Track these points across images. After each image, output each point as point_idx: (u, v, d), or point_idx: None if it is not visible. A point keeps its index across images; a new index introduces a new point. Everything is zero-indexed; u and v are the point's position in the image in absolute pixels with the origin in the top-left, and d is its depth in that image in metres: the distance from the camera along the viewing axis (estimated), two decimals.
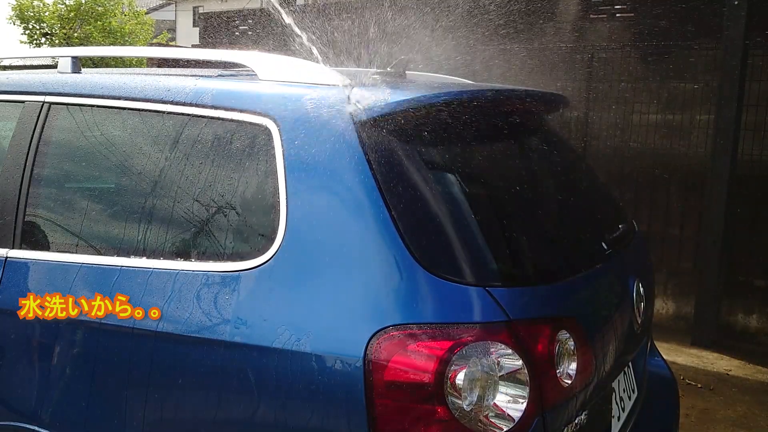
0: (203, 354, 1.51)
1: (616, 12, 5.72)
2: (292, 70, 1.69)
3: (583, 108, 5.44)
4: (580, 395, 1.54)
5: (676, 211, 5.18)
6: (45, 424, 1.71)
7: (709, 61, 4.99)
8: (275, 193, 1.53)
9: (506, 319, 1.40)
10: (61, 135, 1.89)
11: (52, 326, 1.71)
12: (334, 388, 1.39)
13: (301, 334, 1.42)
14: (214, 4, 24.79)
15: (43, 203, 1.87)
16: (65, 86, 1.92)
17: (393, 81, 1.98)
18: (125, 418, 1.61)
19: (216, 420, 1.51)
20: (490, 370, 1.37)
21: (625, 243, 2.10)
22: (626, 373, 1.96)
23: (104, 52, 2.27)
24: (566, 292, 1.63)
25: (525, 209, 1.80)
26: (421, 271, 1.40)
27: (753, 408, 3.72)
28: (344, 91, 1.58)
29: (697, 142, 5.06)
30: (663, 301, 5.19)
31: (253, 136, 1.60)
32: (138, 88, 1.80)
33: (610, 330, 1.76)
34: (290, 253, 1.48)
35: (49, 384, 1.71)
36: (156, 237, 1.67)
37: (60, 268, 1.76)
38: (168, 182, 1.68)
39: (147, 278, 1.61)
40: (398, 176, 1.50)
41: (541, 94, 2.08)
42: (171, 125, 1.73)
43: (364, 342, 1.37)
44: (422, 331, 1.36)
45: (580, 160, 2.40)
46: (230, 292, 1.51)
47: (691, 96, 5.12)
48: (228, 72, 2.06)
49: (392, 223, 1.42)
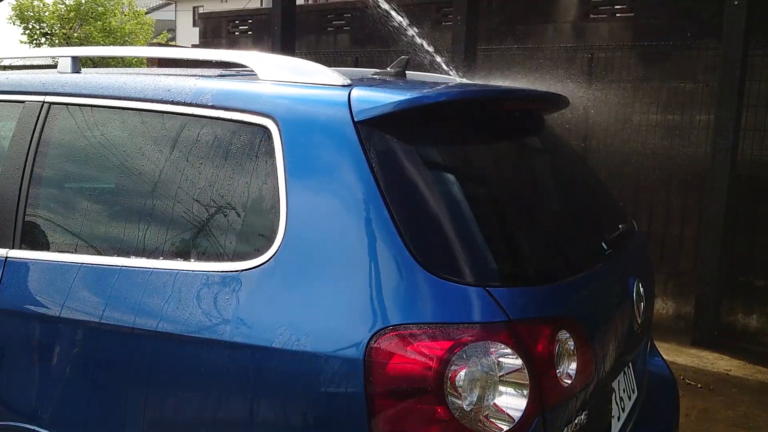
0: (203, 354, 1.51)
1: (616, 12, 5.73)
2: (292, 70, 1.69)
3: (582, 108, 5.44)
4: (580, 395, 1.54)
5: (676, 211, 5.18)
6: (45, 424, 1.71)
7: (709, 61, 4.99)
8: (275, 192, 1.53)
9: (506, 319, 1.40)
10: (61, 135, 1.89)
11: (52, 326, 1.71)
12: (334, 388, 1.39)
13: (301, 334, 1.42)
14: (214, 4, 24.80)
15: (43, 203, 1.87)
16: (65, 86, 1.92)
17: (393, 81, 1.98)
18: (125, 419, 1.61)
19: (216, 420, 1.51)
20: (490, 370, 1.37)
21: (625, 243, 2.10)
22: (626, 373, 1.96)
23: (104, 52, 2.27)
24: (566, 292, 1.63)
25: (525, 209, 1.80)
26: (421, 271, 1.40)
27: (753, 408, 3.72)
28: (344, 91, 1.58)
29: (697, 142, 5.06)
30: (663, 301, 5.20)
31: (253, 136, 1.60)
32: (138, 88, 1.80)
33: (610, 330, 1.76)
34: (290, 252, 1.48)
35: (49, 384, 1.71)
36: (156, 237, 1.67)
37: (60, 268, 1.76)
38: (168, 182, 1.68)
39: (147, 278, 1.61)
40: (398, 176, 1.50)
41: (541, 94, 2.08)
42: (171, 125, 1.73)
43: (364, 342, 1.37)
44: (422, 331, 1.36)
45: (580, 160, 2.40)
46: (230, 292, 1.51)
47: (691, 96, 5.12)
48: (228, 72, 2.06)
49: (392, 223, 1.42)
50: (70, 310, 1.68)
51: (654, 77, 5.30)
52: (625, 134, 5.35)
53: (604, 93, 5.38)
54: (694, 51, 5.09)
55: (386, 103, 1.53)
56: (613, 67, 5.41)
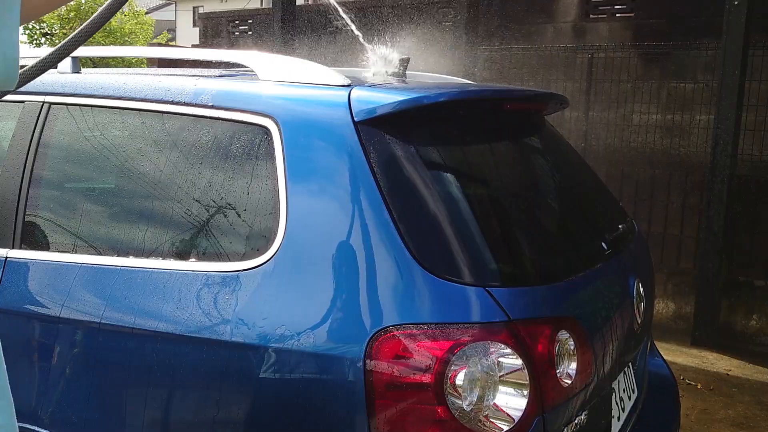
0: (203, 354, 1.51)
1: (616, 12, 5.73)
2: (292, 70, 1.69)
3: (582, 107, 5.44)
4: (580, 395, 1.54)
5: (676, 211, 5.18)
6: (45, 425, 1.71)
7: (709, 61, 4.99)
8: (275, 192, 1.53)
9: (506, 319, 1.40)
10: (61, 135, 1.89)
11: (52, 326, 1.71)
12: (334, 388, 1.39)
13: (301, 335, 1.42)
14: (214, 4, 24.80)
15: (43, 203, 1.87)
16: (65, 86, 1.92)
17: (393, 81, 1.98)
18: (125, 419, 1.61)
19: (215, 420, 1.51)
20: (490, 370, 1.37)
21: (625, 243, 2.10)
22: (626, 373, 1.96)
23: (104, 52, 2.27)
24: (566, 292, 1.63)
25: (525, 209, 1.80)
26: (421, 271, 1.40)
27: (753, 408, 3.71)
28: (345, 91, 1.58)
29: (697, 142, 5.06)
30: (663, 301, 5.19)
31: (252, 136, 1.60)
32: (138, 88, 1.80)
33: (610, 330, 1.76)
34: (290, 252, 1.48)
35: (49, 384, 1.71)
36: (156, 237, 1.67)
37: (60, 268, 1.76)
38: (168, 182, 1.68)
39: (147, 278, 1.61)
40: (398, 176, 1.50)
41: (541, 94, 2.08)
42: (171, 125, 1.73)
43: (364, 342, 1.37)
44: (422, 332, 1.36)
45: (579, 160, 2.40)
46: (230, 293, 1.51)
47: (691, 96, 5.12)
48: (228, 72, 2.06)
49: (392, 223, 1.42)
50: (70, 310, 1.68)
51: (654, 77, 5.30)
52: (625, 134, 5.34)
53: (603, 93, 5.38)
54: (694, 51, 5.08)
55: (386, 103, 1.53)
56: (613, 67, 5.41)
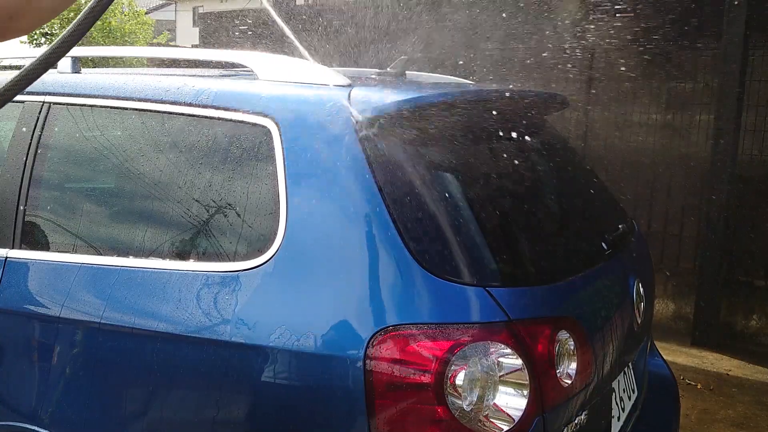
0: (203, 354, 1.51)
1: (616, 12, 5.73)
2: (292, 70, 1.69)
3: (582, 107, 5.44)
4: (580, 395, 1.54)
5: (676, 211, 5.18)
6: (45, 424, 1.71)
7: (709, 61, 4.99)
8: (275, 192, 1.53)
9: (506, 319, 1.40)
10: (61, 135, 1.89)
11: (52, 326, 1.71)
12: (334, 388, 1.39)
13: (301, 335, 1.42)
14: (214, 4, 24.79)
15: (43, 203, 1.87)
16: (65, 86, 1.92)
17: (393, 81, 1.98)
18: (125, 418, 1.61)
19: (215, 420, 1.51)
20: (490, 371, 1.37)
21: (625, 243, 2.10)
22: (626, 373, 1.96)
23: (104, 52, 2.28)
24: (566, 292, 1.63)
25: (525, 209, 1.80)
26: (421, 272, 1.40)
27: (753, 408, 3.71)
28: (344, 91, 1.58)
29: (697, 142, 5.06)
30: (663, 301, 5.19)
31: (253, 136, 1.60)
32: (138, 88, 1.80)
33: (610, 330, 1.76)
34: (290, 252, 1.48)
35: (50, 384, 1.71)
36: (156, 237, 1.67)
37: (60, 268, 1.76)
38: (168, 182, 1.68)
39: (147, 278, 1.61)
40: (398, 176, 1.49)
41: (541, 94, 2.08)
42: (171, 125, 1.73)
43: (364, 342, 1.37)
44: (422, 332, 1.36)
45: (579, 160, 2.40)
46: (230, 293, 1.51)
47: (691, 96, 5.12)
48: (228, 72, 2.06)
49: (392, 223, 1.42)
50: (70, 310, 1.68)
51: (654, 77, 5.30)
52: (625, 134, 5.34)
53: (603, 93, 5.38)
54: (694, 51, 5.08)
55: (386, 103, 1.53)
56: (613, 67, 5.40)
